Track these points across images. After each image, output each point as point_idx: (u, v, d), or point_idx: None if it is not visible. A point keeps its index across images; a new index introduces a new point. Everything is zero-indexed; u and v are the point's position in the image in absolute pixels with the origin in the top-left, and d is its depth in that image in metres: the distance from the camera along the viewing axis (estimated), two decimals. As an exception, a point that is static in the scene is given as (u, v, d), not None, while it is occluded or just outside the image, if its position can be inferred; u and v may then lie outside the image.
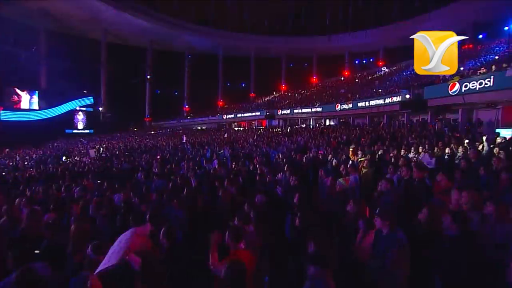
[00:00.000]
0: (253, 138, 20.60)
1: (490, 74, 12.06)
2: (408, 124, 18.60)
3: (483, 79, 12.32)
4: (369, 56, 46.71)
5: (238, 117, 39.58)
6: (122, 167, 10.64)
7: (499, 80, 11.59)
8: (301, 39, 47.51)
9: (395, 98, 18.44)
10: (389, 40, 41.41)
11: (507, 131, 12.33)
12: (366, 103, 21.86)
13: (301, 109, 30.47)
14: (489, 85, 12.05)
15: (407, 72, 31.73)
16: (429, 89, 15.70)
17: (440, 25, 33.14)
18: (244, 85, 56.18)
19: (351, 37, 41.14)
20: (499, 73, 11.57)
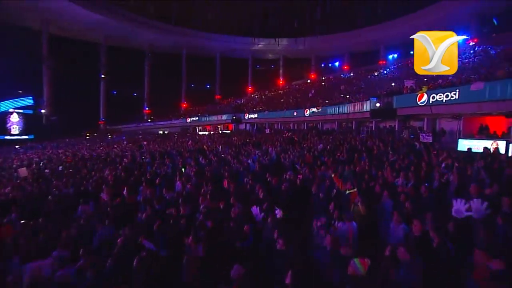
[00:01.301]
0: (220, 144, 19.51)
1: (456, 87, 12.43)
2: (376, 130, 19.20)
3: (450, 91, 12.68)
4: (335, 60, 48.08)
5: (203, 121, 38.02)
6: (62, 193, 8.88)
7: (464, 93, 11.97)
8: (268, 41, 47.29)
9: (365, 105, 18.57)
10: (354, 45, 42.85)
11: (468, 141, 13.00)
12: (336, 109, 21.89)
13: (268, 113, 29.92)
14: (455, 98, 12.43)
15: (372, 76, 33.13)
16: (398, 98, 15.99)
17: (402, 33, 35.31)
18: (209, 86, 54.53)
19: (318, 40, 41.93)
20: (465, 86, 11.95)
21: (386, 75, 31.58)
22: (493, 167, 6.57)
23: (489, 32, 29.25)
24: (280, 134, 23.93)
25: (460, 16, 31.01)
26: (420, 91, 14.03)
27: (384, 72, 33.49)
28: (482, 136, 12.92)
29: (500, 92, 10.56)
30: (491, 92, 10.82)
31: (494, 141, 11.89)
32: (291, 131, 26.07)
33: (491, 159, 7.30)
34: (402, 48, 39.89)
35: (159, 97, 47.81)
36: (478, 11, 29.92)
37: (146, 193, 7.58)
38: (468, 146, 12.82)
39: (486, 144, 12.14)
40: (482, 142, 12.25)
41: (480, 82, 11.07)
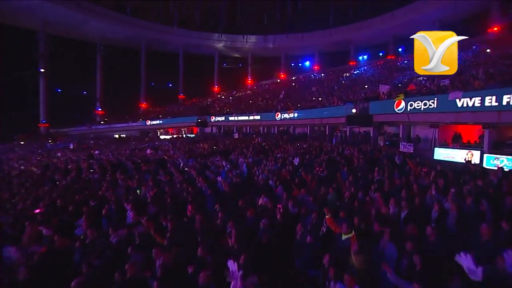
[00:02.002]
0: (183, 153, 18.08)
1: (434, 96, 12.53)
2: (351, 135, 19.15)
3: (428, 99, 12.76)
4: (305, 60, 48.42)
5: (165, 123, 35.88)
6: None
7: (442, 102, 12.09)
8: (236, 37, 46.30)
9: (340, 109, 18.45)
10: (324, 44, 43.46)
11: (444, 150, 13.24)
12: (309, 114, 21.55)
13: (237, 116, 29.16)
14: (433, 107, 12.54)
15: (343, 78, 33.67)
16: (375, 104, 15.97)
17: (369, 34, 36.55)
18: (171, 85, 51.94)
19: (288, 38, 42.04)
20: (443, 95, 12.05)
21: (358, 76, 32.28)
22: (490, 192, 6.21)
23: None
24: (250, 139, 23.10)
25: (427, 21, 32.68)
26: (397, 97, 14.01)
27: (356, 73, 34.25)
28: (456, 145, 13.21)
29: (478, 103, 10.62)
30: (469, 102, 10.87)
31: (469, 150, 12.15)
32: (261, 136, 25.55)
33: (483, 180, 6.99)
34: (372, 49, 41.47)
35: (115, 96, 44.30)
36: (444, 18, 31.72)
37: (86, 233, 6.10)
38: (443, 154, 13.18)
39: (461, 154, 12.43)
40: (457, 152, 12.52)
41: (458, 91, 11.13)
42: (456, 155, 12.55)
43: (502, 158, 10.99)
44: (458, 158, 12.18)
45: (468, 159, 11.92)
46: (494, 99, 9.98)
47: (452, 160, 12.25)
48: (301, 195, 7.61)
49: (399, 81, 22.40)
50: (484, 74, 14.07)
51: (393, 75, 26.58)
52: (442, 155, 13.01)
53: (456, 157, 12.42)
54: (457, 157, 12.40)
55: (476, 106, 10.68)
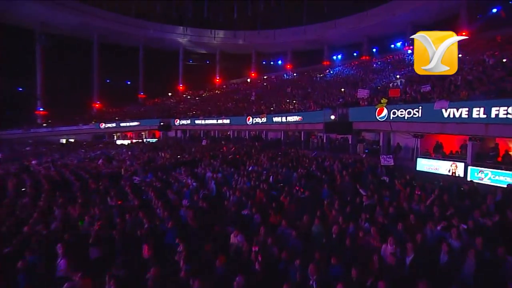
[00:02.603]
0: (142, 162, 16.55)
1: (419, 104, 12.42)
2: (328, 142, 18.99)
3: (412, 108, 12.63)
4: (277, 58, 48.16)
5: (122, 127, 33.49)
6: None
7: (427, 111, 11.99)
8: (203, 32, 44.94)
9: (317, 115, 18.09)
10: (297, 42, 43.49)
11: (426, 161, 13.20)
12: (283, 118, 21.04)
13: (204, 120, 28.15)
14: (418, 116, 12.43)
15: (317, 78, 33.93)
16: (355, 111, 15.71)
17: (343, 33, 37.55)
18: (130, 83, 48.92)
19: (259, 35, 41.62)
20: (428, 104, 11.95)
21: (333, 77, 32.62)
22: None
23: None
24: (219, 146, 22.03)
25: (401, 23, 34.00)
26: (380, 104, 13.76)
27: (330, 73, 34.57)
28: (439, 155, 13.26)
29: (465, 114, 10.54)
30: (456, 113, 10.78)
31: (453, 162, 12.15)
32: (231, 141, 24.94)
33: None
34: (346, 49, 42.27)
35: (61, 94, 40.33)
36: (417, 20, 33.01)
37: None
38: (426, 165, 13.10)
39: (445, 165, 12.42)
40: (441, 163, 12.49)
41: (444, 100, 11.02)
42: (439, 166, 12.56)
43: (487, 171, 10.99)
44: (442, 170, 12.19)
45: (453, 171, 11.94)
46: (482, 111, 9.92)
47: (436, 172, 12.24)
48: (282, 228, 6.73)
49: (376, 84, 22.60)
50: (464, 81, 14.33)
51: (369, 77, 27.10)
52: (425, 166, 12.98)
53: (440, 168, 12.41)
54: (441, 168, 12.39)
55: (463, 117, 10.59)
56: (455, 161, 12.09)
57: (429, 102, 12.16)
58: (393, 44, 37.92)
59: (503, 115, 9.34)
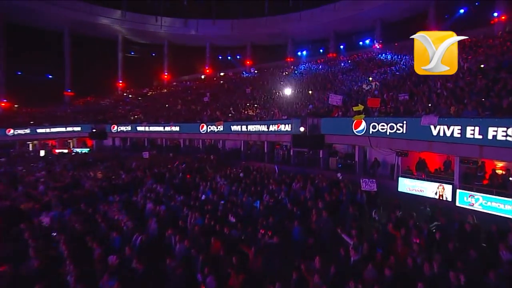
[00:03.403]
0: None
1: (403, 118, 11.92)
2: (295, 154, 18.18)
3: (395, 122, 12.09)
4: (236, 52, 47.43)
5: (40, 133, 29.83)
6: None
7: (413, 127, 11.56)
8: (146, 18, 42.48)
9: (284, 126, 17.25)
10: (258, 35, 42.94)
11: (410, 181, 12.71)
12: (243, 127, 20.07)
13: (148, 126, 26.30)
14: (402, 132, 11.95)
15: (281, 77, 33.34)
16: (328, 122, 15.01)
17: (309, 27, 38.21)
18: (52, 77, 44.08)
19: (215, 26, 40.78)
20: (413, 119, 11.48)
21: (298, 76, 32.28)
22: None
23: (391, 39, 34.09)
24: (165, 160, 20.53)
25: (369, 19, 35.03)
26: (357, 116, 13.09)
27: (296, 72, 34.25)
28: (422, 174, 12.89)
29: (457, 133, 10.15)
30: (446, 131, 10.38)
31: (440, 184, 11.75)
32: (181, 153, 23.60)
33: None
34: (311, 45, 42.62)
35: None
36: (385, 16, 34.16)
37: None
38: (409, 186, 12.63)
39: (431, 187, 11.99)
40: (426, 185, 12.03)
41: (433, 116, 10.50)
42: (425, 188, 12.07)
43: (477, 195, 10.63)
44: (428, 192, 11.85)
45: (440, 193, 11.63)
46: (478, 131, 9.49)
47: (421, 194, 11.93)
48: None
49: (348, 87, 22.37)
50: (443, 87, 14.17)
51: (338, 78, 27.04)
52: (408, 187, 12.48)
53: (426, 190, 11.94)
54: (426, 190, 11.93)
55: (455, 136, 10.16)
56: (442, 183, 11.65)
57: (414, 117, 11.68)
58: (361, 41, 39.04)
59: (502, 136, 8.90)
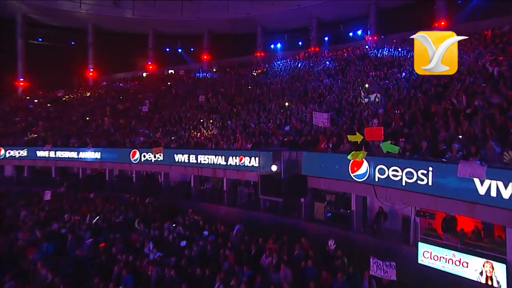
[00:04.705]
0: None
1: (428, 163, 10.34)
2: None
3: (415, 167, 10.41)
4: (189, 43, 47.75)
5: None
6: None
7: (443, 177, 10.01)
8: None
9: (249, 159, 16.21)
10: (217, 21, 42.78)
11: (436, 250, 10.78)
12: (192, 157, 19.06)
13: (54, 150, 25.04)
14: (425, 183, 10.29)
15: (247, 79, 33.57)
16: (312, 158, 13.75)
17: (284, 13, 38.81)
18: None
19: (158, 9, 40.27)
20: (446, 166, 9.98)
21: (271, 79, 32.12)
22: None
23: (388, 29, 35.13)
24: (75, 210, 18.11)
25: (361, 3, 36.07)
26: (355, 154, 11.65)
27: (270, 74, 34.31)
28: (452, 238, 11.11)
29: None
30: (501, 189, 8.67)
31: (486, 260, 10.02)
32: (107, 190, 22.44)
33: None
34: (288, 35, 42.97)
35: None
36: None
37: None
38: (436, 261, 10.85)
39: (473, 264, 10.18)
40: (463, 257, 10.27)
41: (478, 164, 8.72)
42: (461, 262, 10.32)
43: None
44: (467, 272, 10.22)
45: (486, 274, 9.98)
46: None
47: (455, 273, 10.36)
48: None
49: (338, 98, 21.26)
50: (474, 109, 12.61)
51: (323, 83, 26.37)
52: (434, 258, 10.87)
53: (465, 270, 10.29)
54: (466, 270, 10.28)
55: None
56: (488, 258, 9.89)
57: (446, 162, 10.03)
58: (351, 32, 39.25)
59: None
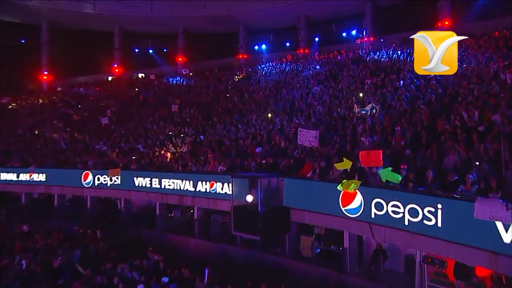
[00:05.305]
0: None
1: (436, 199, 9.53)
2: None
3: (420, 204, 9.61)
4: (161, 44, 48.13)
5: None
6: None
7: (455, 217, 9.23)
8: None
9: (221, 185, 15.50)
10: (193, 19, 43.18)
11: None
12: (155, 181, 18.71)
13: None
14: (433, 223, 9.45)
15: (227, 84, 33.86)
16: (295, 186, 13.14)
17: (266, 9, 38.86)
18: None
19: (122, 3, 40.49)
20: (457, 202, 9.26)
21: (256, 85, 32.14)
22: None
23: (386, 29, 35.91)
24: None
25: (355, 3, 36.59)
26: (345, 183, 11.01)
27: (254, 79, 34.56)
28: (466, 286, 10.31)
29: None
30: None
31: None
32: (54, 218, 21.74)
33: None
34: (274, 35, 43.71)
35: None
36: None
37: None
38: None
39: None
40: None
41: (499, 203, 7.80)
42: None
43: None
44: None
45: None
46: None
47: None
48: None
49: (327, 109, 20.79)
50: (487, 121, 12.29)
51: (312, 90, 26.15)
52: None
53: None
54: None
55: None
56: None
57: (458, 198, 9.19)
58: (344, 32, 39.81)
59: None
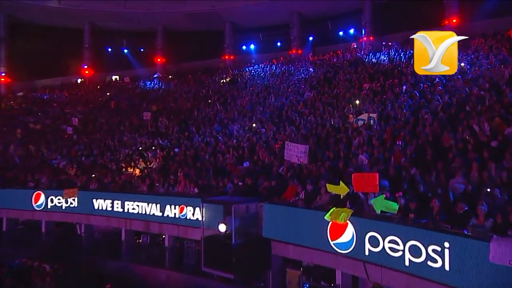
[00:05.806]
0: None
1: (443, 235, 8.84)
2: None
3: (424, 241, 8.89)
4: (138, 43, 48.85)
5: None
6: None
7: (466, 258, 8.51)
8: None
9: (191, 210, 15.14)
10: (173, 15, 43.67)
11: None
12: (117, 204, 17.95)
13: None
14: (440, 266, 8.68)
15: (209, 88, 34.16)
16: (277, 214, 12.70)
17: (255, 5, 39.98)
18: None
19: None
20: (467, 240, 8.51)
21: (244, 90, 32.77)
22: None
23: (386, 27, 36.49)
24: None
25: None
26: (334, 212, 10.46)
27: (241, 82, 35.00)
28: None
29: None
30: None
31: None
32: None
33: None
34: (263, 34, 44.46)
35: None
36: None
37: None
38: None
39: None
40: None
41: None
42: None
43: None
44: None
45: None
46: None
47: None
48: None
49: (319, 121, 20.40)
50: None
51: (304, 97, 26.54)
52: None
53: None
54: None
55: None
56: None
57: (469, 236, 8.55)
58: (341, 31, 40.06)
59: None
